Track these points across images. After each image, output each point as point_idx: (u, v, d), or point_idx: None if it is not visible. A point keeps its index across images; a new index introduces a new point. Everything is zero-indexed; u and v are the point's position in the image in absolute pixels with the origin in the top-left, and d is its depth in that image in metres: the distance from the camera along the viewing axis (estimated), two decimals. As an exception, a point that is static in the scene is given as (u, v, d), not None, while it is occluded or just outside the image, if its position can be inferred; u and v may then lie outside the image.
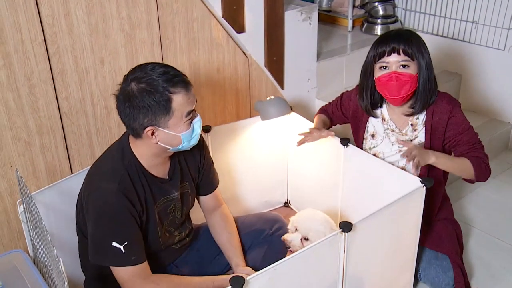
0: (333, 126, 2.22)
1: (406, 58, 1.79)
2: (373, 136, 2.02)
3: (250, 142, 2.31)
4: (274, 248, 1.82)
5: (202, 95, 2.37)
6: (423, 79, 1.82)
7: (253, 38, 2.45)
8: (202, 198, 1.85)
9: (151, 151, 1.55)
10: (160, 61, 2.18)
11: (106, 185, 1.49)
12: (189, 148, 1.59)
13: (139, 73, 1.46)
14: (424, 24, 3.36)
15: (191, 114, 1.52)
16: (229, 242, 1.80)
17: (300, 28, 2.64)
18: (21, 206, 1.64)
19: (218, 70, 2.39)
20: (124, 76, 1.49)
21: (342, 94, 2.16)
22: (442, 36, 3.28)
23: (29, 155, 1.96)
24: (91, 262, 1.54)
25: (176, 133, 1.49)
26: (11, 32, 1.79)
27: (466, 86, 3.23)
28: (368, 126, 2.03)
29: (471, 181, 1.90)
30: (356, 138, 2.09)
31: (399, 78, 1.79)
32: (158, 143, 1.51)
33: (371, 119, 2.01)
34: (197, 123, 1.55)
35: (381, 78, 1.83)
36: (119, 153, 1.56)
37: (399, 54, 1.79)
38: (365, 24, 3.47)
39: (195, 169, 1.76)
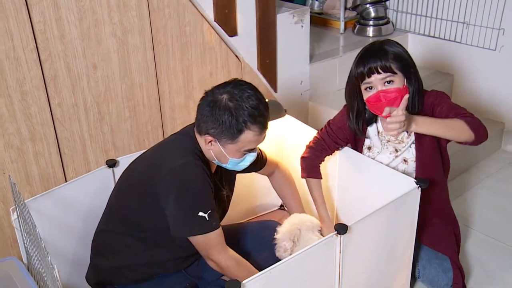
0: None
1: (388, 74, 1.71)
2: (369, 148, 1.97)
3: (244, 146, 2.30)
4: (273, 255, 1.82)
5: (195, 99, 2.36)
6: (413, 86, 1.77)
7: (246, 42, 2.46)
8: (260, 171, 2.02)
9: (205, 150, 1.63)
10: (153, 66, 2.17)
11: (187, 159, 1.56)
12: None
13: (237, 91, 1.54)
14: (416, 25, 3.38)
15: (250, 151, 1.61)
16: (291, 195, 2.06)
17: (292, 30, 2.64)
18: (15, 213, 1.63)
19: (211, 74, 2.39)
20: (227, 81, 1.59)
21: (329, 124, 2.00)
22: (433, 37, 3.29)
23: (22, 162, 1.95)
24: (174, 235, 1.58)
25: (227, 155, 1.59)
26: (2, 38, 1.78)
27: (458, 87, 3.25)
28: (365, 140, 1.97)
29: (472, 143, 1.72)
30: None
31: (386, 97, 1.71)
32: (210, 151, 1.60)
33: (368, 134, 1.95)
34: (251, 157, 1.64)
35: (370, 100, 1.75)
36: (188, 138, 1.64)
37: (379, 73, 1.71)
38: (357, 26, 3.48)
39: (235, 175, 1.87)
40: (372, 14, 3.42)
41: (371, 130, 1.95)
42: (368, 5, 3.42)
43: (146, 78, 2.18)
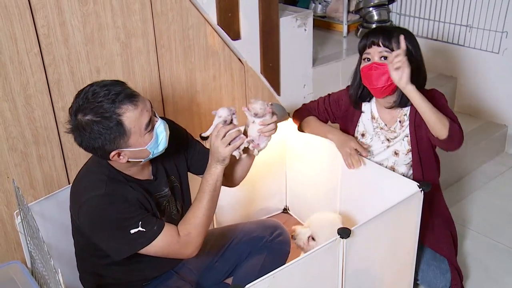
0: None
1: (386, 49, 1.83)
2: (363, 135, 2.04)
3: (247, 149, 2.30)
4: (273, 255, 1.82)
5: (199, 102, 2.37)
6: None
7: (249, 45, 2.46)
8: None
9: (124, 165, 1.53)
10: (156, 70, 2.18)
11: (92, 194, 1.46)
12: (163, 151, 1.55)
13: (82, 102, 1.40)
14: (419, 29, 3.38)
15: (150, 124, 1.46)
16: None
17: (295, 34, 2.64)
18: (19, 217, 1.64)
19: (214, 78, 2.39)
20: (69, 109, 1.44)
21: (329, 95, 2.17)
22: (437, 40, 3.29)
23: (25, 166, 1.95)
24: (117, 259, 1.50)
25: (141, 148, 1.46)
26: (6, 42, 1.78)
27: (462, 89, 3.24)
28: (358, 126, 2.05)
29: (442, 142, 1.79)
30: None
31: (377, 68, 1.83)
32: (129, 160, 1.48)
33: (361, 118, 2.03)
34: (159, 128, 1.49)
35: (363, 69, 1.88)
36: (98, 167, 1.53)
37: (378, 46, 1.84)
38: (360, 29, 3.48)
39: (180, 158, 1.72)
40: (375, 17, 3.43)
41: (365, 115, 2.01)
42: (371, 8, 3.43)
43: (150, 82, 2.18)
